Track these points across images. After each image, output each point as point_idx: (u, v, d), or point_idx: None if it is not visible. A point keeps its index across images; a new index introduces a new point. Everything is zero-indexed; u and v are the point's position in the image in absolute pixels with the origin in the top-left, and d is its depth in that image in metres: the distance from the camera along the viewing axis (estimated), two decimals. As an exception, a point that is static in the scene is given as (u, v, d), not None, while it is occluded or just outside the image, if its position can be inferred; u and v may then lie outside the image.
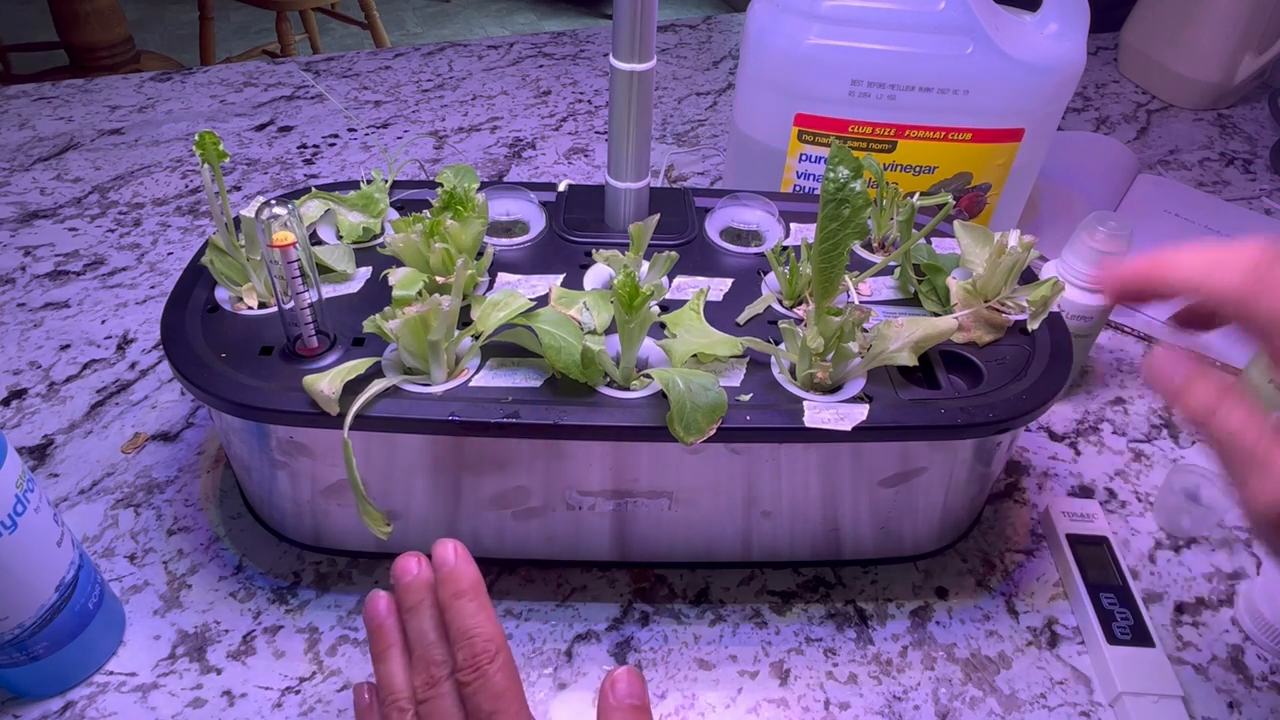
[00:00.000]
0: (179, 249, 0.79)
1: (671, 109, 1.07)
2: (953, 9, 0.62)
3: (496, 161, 0.95)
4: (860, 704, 0.48)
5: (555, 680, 0.49)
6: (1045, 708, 0.48)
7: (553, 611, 0.52)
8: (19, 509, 0.40)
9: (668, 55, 1.20)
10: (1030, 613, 0.53)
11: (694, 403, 0.43)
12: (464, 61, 1.15)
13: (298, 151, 0.94)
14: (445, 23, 3.36)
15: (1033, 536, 0.58)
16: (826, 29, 0.64)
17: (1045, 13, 0.66)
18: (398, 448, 0.47)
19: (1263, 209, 0.94)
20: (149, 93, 1.04)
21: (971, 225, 0.55)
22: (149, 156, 0.92)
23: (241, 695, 0.47)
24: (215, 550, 0.54)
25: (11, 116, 0.98)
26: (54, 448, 0.60)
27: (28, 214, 0.83)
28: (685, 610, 0.53)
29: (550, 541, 0.52)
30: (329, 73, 1.11)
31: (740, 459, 0.47)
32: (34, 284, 0.75)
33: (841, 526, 0.52)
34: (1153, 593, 0.55)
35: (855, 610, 0.53)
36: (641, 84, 0.52)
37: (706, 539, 0.52)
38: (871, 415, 0.45)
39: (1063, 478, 0.62)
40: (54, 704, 0.46)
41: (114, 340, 0.69)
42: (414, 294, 0.46)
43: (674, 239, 0.59)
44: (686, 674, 0.49)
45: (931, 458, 0.48)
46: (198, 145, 0.48)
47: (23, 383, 0.65)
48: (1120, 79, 1.19)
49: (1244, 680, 0.50)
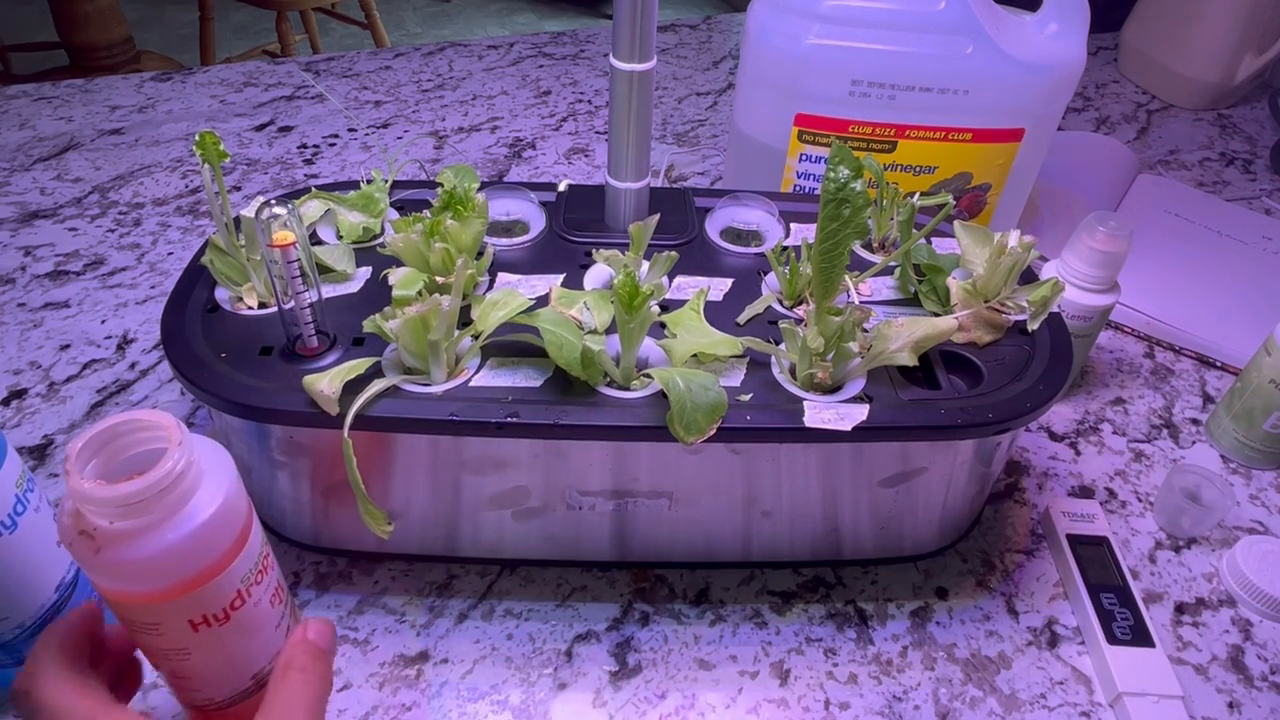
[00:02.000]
0: (179, 249, 0.79)
1: (671, 109, 1.07)
2: (953, 9, 0.62)
3: (496, 161, 0.95)
4: (860, 704, 0.48)
5: (555, 680, 0.49)
6: (1045, 708, 0.48)
7: (553, 611, 0.52)
8: (19, 509, 0.40)
9: (668, 55, 1.20)
10: (1030, 613, 0.53)
11: (694, 402, 0.43)
12: (464, 61, 1.15)
13: (298, 151, 0.94)
14: (445, 23, 3.37)
15: (1033, 536, 0.58)
16: (826, 29, 0.64)
17: (1045, 13, 0.66)
18: (398, 448, 0.47)
19: (1263, 209, 0.94)
20: (149, 93, 1.04)
21: (971, 225, 0.55)
22: (149, 156, 0.92)
23: (241, 695, 0.47)
24: (215, 550, 0.54)
25: (11, 116, 0.98)
26: (54, 448, 0.60)
27: (28, 214, 0.83)
28: (685, 610, 0.53)
29: (550, 541, 0.52)
30: (329, 73, 1.11)
31: (740, 459, 0.47)
32: (34, 284, 0.75)
33: (841, 526, 0.52)
34: (1153, 593, 0.55)
35: (855, 610, 0.53)
36: (641, 84, 0.52)
37: (706, 539, 0.52)
38: (871, 415, 0.45)
39: (1063, 478, 0.62)
40: (54, 704, 0.46)
41: (114, 340, 0.69)
42: (414, 294, 0.46)
43: (674, 239, 0.59)
44: (686, 674, 0.49)
45: (931, 458, 0.48)
46: (198, 145, 0.48)
47: (23, 383, 0.65)
48: (1120, 79, 1.19)
49: (1244, 680, 0.50)
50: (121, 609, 0.32)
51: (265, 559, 0.35)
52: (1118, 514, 0.60)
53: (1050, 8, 0.66)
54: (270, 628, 0.36)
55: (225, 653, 0.34)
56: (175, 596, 0.31)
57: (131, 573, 0.30)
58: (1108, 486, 0.62)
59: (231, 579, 0.32)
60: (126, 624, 0.33)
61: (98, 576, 0.31)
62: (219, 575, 0.32)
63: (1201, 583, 0.56)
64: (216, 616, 0.32)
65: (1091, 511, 0.58)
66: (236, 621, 0.33)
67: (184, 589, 0.31)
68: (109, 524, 0.30)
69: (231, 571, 0.32)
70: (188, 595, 0.31)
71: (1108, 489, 0.62)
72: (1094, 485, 0.62)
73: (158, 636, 0.33)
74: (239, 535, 0.32)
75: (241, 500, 0.33)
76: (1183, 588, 0.55)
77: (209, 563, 0.31)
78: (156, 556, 0.30)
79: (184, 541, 0.30)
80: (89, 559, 0.30)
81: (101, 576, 0.31)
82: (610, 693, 0.48)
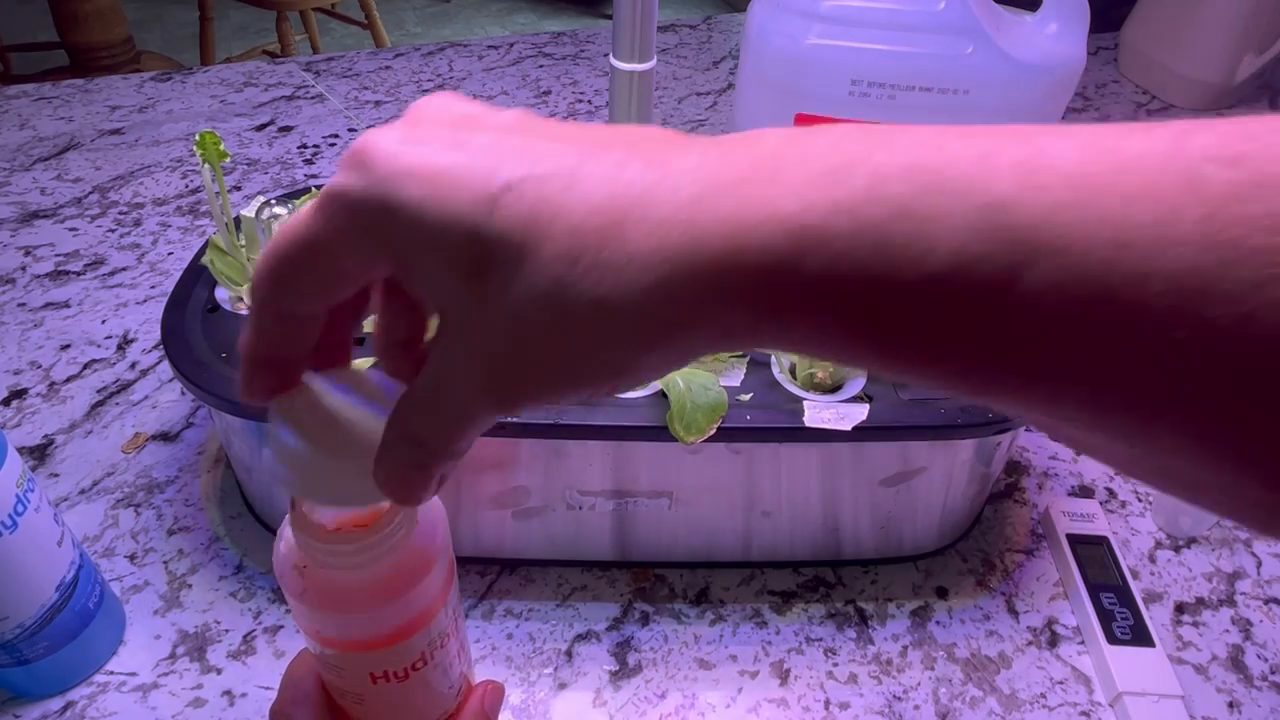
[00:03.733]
0: (179, 249, 0.79)
1: (671, 109, 1.07)
2: (953, 9, 0.62)
3: (496, 161, 0.94)
4: (860, 704, 0.48)
5: (555, 680, 0.49)
6: (1045, 707, 0.48)
7: (553, 611, 0.52)
8: (19, 509, 0.40)
9: (668, 55, 1.20)
10: (1030, 612, 0.53)
11: (694, 402, 0.43)
12: (464, 61, 1.15)
13: (298, 151, 0.94)
14: (445, 23, 3.37)
15: (1033, 536, 0.58)
16: (826, 29, 0.64)
17: (1045, 13, 0.66)
18: (398, 447, 0.46)
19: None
20: (149, 93, 1.04)
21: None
22: (149, 156, 0.92)
23: (242, 695, 0.47)
24: (216, 550, 0.54)
25: (11, 116, 0.98)
26: (54, 448, 0.60)
27: (28, 214, 0.83)
28: (685, 610, 0.53)
29: (550, 541, 0.52)
30: (329, 73, 1.11)
31: (740, 459, 0.47)
32: (34, 284, 0.75)
33: (841, 526, 0.52)
34: (1153, 593, 0.55)
35: (855, 610, 0.53)
36: (641, 84, 0.52)
37: (706, 539, 0.52)
38: (871, 415, 0.45)
39: (1063, 478, 0.63)
40: (54, 704, 0.46)
41: (114, 340, 0.70)
42: (414, 294, 0.46)
43: (674, 239, 0.59)
44: (686, 674, 0.49)
45: (931, 457, 0.48)
46: (198, 145, 0.48)
47: (23, 383, 0.65)
48: (1120, 79, 1.19)
49: (1244, 680, 0.51)
50: (310, 638, 0.32)
51: (453, 623, 0.35)
52: (1118, 514, 0.60)
53: (1050, 8, 0.66)
54: (446, 688, 0.36)
55: (398, 706, 0.34)
56: (358, 650, 0.31)
57: (318, 620, 0.30)
58: (1108, 486, 0.62)
59: (415, 646, 0.32)
60: (315, 653, 0.33)
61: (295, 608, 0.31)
62: (402, 642, 0.31)
63: (1201, 582, 0.56)
64: (396, 674, 0.32)
65: (1091, 511, 0.58)
66: (415, 680, 0.33)
67: (368, 647, 0.31)
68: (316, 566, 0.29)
69: (415, 641, 0.32)
70: (371, 652, 0.31)
71: (1108, 489, 0.62)
72: (1094, 485, 0.62)
73: (338, 677, 0.33)
74: (429, 606, 0.32)
75: (441, 575, 0.33)
76: (1182, 587, 0.55)
77: (395, 628, 0.31)
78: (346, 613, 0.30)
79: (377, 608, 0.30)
80: (295, 590, 0.30)
81: (299, 611, 0.30)
82: (610, 692, 0.48)
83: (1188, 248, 0.16)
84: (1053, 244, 0.16)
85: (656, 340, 0.20)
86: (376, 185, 0.20)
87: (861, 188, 0.18)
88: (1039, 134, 0.18)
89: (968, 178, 0.17)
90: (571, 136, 0.21)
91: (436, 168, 0.20)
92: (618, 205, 0.19)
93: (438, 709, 0.36)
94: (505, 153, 0.20)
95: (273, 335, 0.24)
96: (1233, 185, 0.16)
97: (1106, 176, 0.16)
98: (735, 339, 0.19)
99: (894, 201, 0.17)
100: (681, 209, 0.19)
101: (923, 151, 0.18)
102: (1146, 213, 0.16)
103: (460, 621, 0.36)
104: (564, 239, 0.19)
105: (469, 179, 0.20)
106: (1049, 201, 0.17)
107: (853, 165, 0.18)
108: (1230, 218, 0.15)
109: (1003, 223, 0.17)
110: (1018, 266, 0.16)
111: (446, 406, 0.22)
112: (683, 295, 0.19)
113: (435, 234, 0.20)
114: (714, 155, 0.20)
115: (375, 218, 0.21)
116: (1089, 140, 0.17)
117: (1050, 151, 0.17)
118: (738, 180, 0.19)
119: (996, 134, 0.18)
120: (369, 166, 0.20)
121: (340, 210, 0.21)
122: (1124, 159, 0.17)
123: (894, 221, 0.17)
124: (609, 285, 0.19)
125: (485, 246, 0.20)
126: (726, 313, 0.19)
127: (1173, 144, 0.16)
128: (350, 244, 0.21)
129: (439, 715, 0.36)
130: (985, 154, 0.17)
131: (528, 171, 0.20)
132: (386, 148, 0.21)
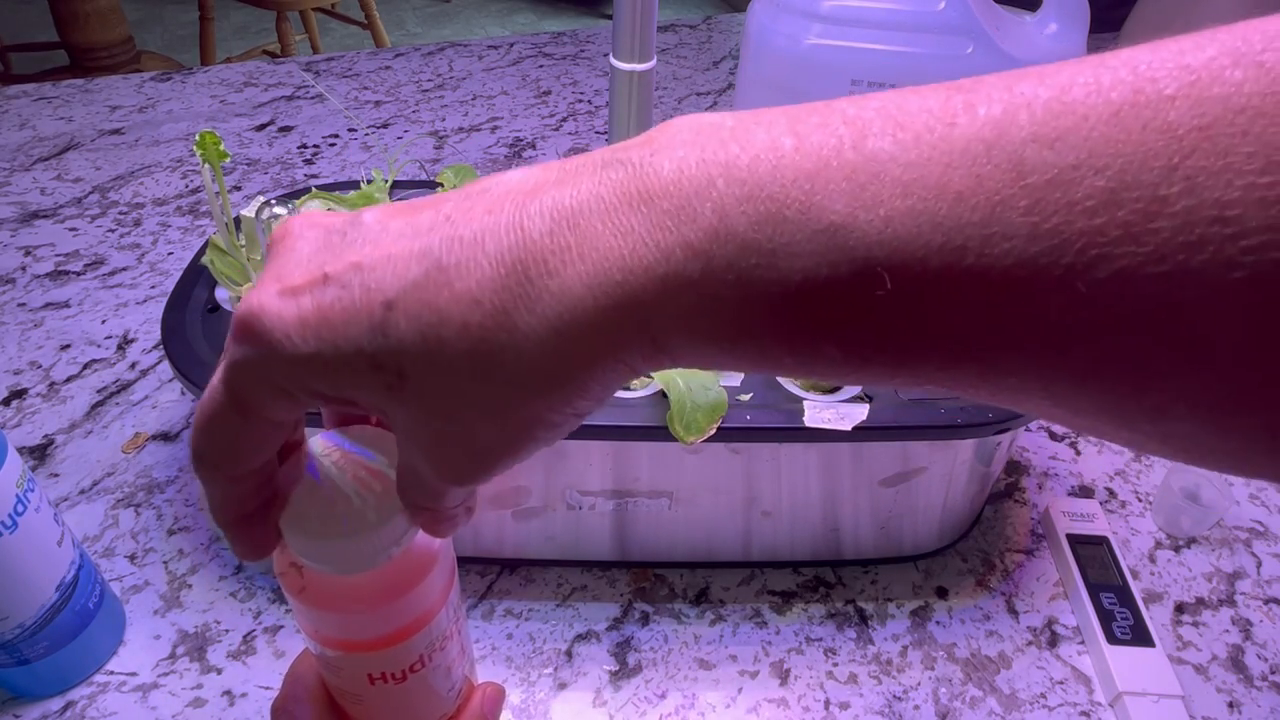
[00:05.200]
0: (179, 249, 0.79)
1: (671, 109, 1.07)
2: (953, 9, 0.62)
3: (496, 161, 0.95)
4: (860, 704, 0.48)
5: (555, 680, 0.49)
6: (1045, 707, 0.48)
7: (553, 611, 0.52)
8: (19, 509, 0.40)
9: (668, 55, 1.20)
10: (1030, 612, 0.53)
11: (694, 402, 0.43)
12: (464, 61, 1.16)
13: (298, 151, 0.94)
14: (445, 23, 3.37)
15: (1033, 536, 0.58)
16: (826, 29, 0.64)
17: (1045, 13, 0.66)
18: (398, 447, 0.46)
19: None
20: (149, 93, 1.04)
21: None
22: (149, 156, 0.92)
23: (242, 695, 0.47)
24: (216, 550, 0.54)
25: (11, 116, 0.98)
26: (54, 448, 0.60)
27: (28, 214, 0.83)
28: (685, 610, 0.53)
29: (550, 541, 0.52)
30: (329, 73, 1.11)
31: (740, 459, 0.47)
32: (34, 284, 0.75)
33: (841, 526, 0.52)
34: (1153, 593, 0.55)
35: (855, 610, 0.53)
36: (641, 84, 0.52)
37: (706, 539, 0.52)
38: (871, 415, 0.45)
39: (1063, 478, 0.63)
40: (54, 704, 0.46)
41: (114, 340, 0.70)
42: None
43: (674, 239, 0.59)
44: (686, 674, 0.49)
45: (931, 457, 0.48)
46: (198, 145, 0.48)
47: (23, 383, 0.66)
48: (1120, 79, 1.19)
49: (1244, 680, 0.51)
50: (309, 637, 0.32)
51: (454, 624, 0.35)
52: (1118, 514, 0.60)
53: (1050, 8, 0.66)
54: (445, 690, 0.36)
55: (396, 707, 0.34)
56: (355, 650, 0.31)
57: (316, 619, 0.30)
58: (1108, 486, 0.62)
59: (413, 648, 0.32)
60: (315, 652, 0.33)
61: (294, 606, 0.31)
62: (400, 643, 0.31)
63: (1201, 582, 0.56)
64: (394, 675, 0.32)
65: (1091, 511, 0.58)
66: (413, 682, 0.33)
67: (365, 647, 0.31)
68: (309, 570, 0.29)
69: (413, 643, 0.32)
70: (369, 653, 0.31)
71: (1108, 489, 0.62)
72: (1094, 485, 0.62)
73: (336, 676, 0.33)
74: (428, 608, 0.32)
75: (442, 577, 0.33)
76: (1182, 587, 0.55)
77: (393, 629, 0.31)
78: (345, 613, 0.30)
79: (376, 609, 0.30)
80: (294, 588, 0.30)
81: (298, 608, 0.31)
82: (610, 692, 0.48)
83: (1017, 240, 0.16)
84: (890, 259, 0.17)
85: (570, 398, 0.21)
86: (274, 350, 0.21)
87: (708, 227, 0.18)
88: (868, 133, 0.18)
89: (803, 205, 0.18)
90: (429, 226, 0.21)
91: (321, 312, 0.21)
92: (496, 291, 0.20)
93: (436, 711, 0.36)
94: (376, 268, 0.21)
95: (235, 496, 0.25)
96: (1053, 169, 0.16)
97: (936, 174, 0.17)
98: (637, 370, 0.21)
99: (739, 239, 0.18)
100: (555, 276, 0.20)
101: (761, 171, 0.18)
102: (977, 210, 0.17)
103: (462, 624, 0.36)
104: (456, 339, 0.20)
105: (354, 311, 0.21)
106: (883, 216, 0.17)
107: (701, 196, 0.19)
108: (1053, 205, 0.16)
109: (842, 244, 0.17)
110: (864, 285, 0.18)
111: (425, 485, 0.24)
112: (576, 355, 0.20)
113: (342, 370, 0.21)
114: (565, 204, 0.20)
115: (283, 379, 0.22)
116: (922, 129, 0.18)
117: (881, 156, 0.18)
118: (590, 238, 0.20)
119: (828, 137, 0.18)
120: (259, 333, 0.21)
121: (248, 382, 0.22)
122: (953, 150, 0.17)
123: (743, 256, 0.18)
124: (510, 366, 0.20)
125: (388, 365, 0.21)
126: (625, 353, 0.20)
127: (997, 130, 0.17)
128: (270, 404, 0.23)
129: (438, 717, 0.36)
130: (820, 168, 0.18)
131: (401, 283, 0.20)
132: (270, 309, 0.21)
